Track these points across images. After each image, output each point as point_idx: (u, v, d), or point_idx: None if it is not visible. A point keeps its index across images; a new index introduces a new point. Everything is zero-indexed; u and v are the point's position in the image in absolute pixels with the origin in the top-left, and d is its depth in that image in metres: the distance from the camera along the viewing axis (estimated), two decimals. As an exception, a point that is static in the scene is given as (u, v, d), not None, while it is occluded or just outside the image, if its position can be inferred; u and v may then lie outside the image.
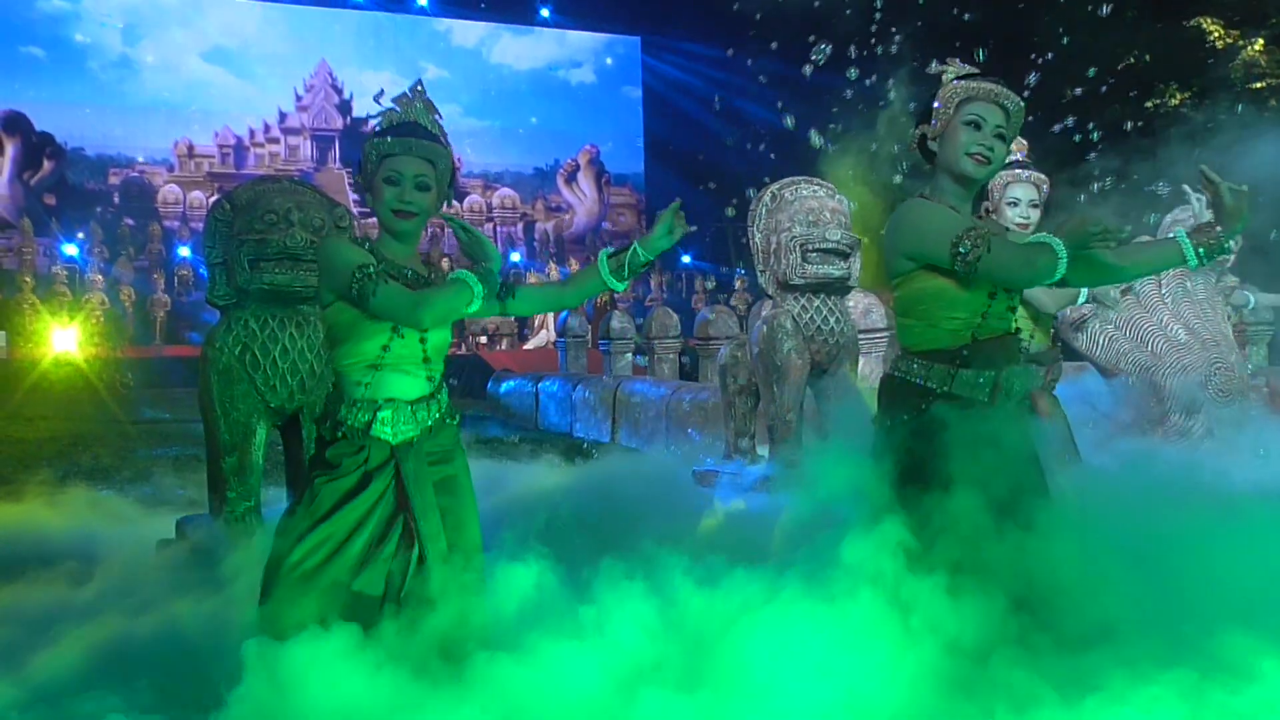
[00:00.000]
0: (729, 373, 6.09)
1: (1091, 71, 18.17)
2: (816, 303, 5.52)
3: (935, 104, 3.00)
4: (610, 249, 3.19)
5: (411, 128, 3.00)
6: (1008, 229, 4.29)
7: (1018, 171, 4.40)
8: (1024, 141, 4.60)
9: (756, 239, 5.69)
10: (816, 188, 5.67)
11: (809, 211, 5.47)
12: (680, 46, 27.19)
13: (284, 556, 2.80)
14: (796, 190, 5.63)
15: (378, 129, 3.04)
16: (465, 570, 2.89)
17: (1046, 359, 4.27)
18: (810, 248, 5.41)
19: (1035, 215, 4.37)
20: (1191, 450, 5.01)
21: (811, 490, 3.17)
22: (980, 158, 2.92)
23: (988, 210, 4.35)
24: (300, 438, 4.51)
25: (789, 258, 5.45)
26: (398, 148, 2.96)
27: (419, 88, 3.13)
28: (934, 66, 3.10)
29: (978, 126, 2.93)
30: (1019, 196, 4.36)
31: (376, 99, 3.12)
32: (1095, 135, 18.78)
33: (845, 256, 5.49)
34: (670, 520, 4.26)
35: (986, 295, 2.90)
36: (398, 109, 3.06)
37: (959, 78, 3.01)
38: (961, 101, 2.96)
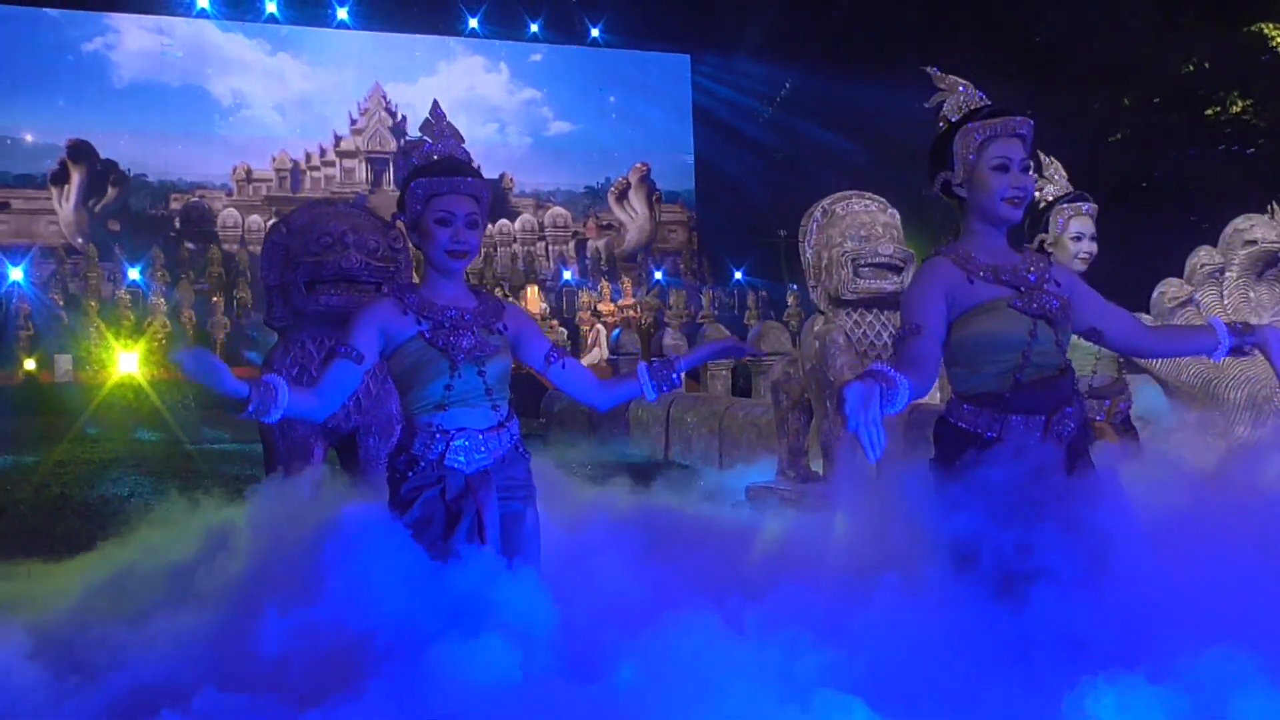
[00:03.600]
0: (781, 389, 6.07)
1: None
2: (869, 318, 5.49)
3: (953, 148, 2.93)
4: (650, 362, 3.30)
5: (456, 165, 3.04)
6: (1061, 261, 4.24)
7: (1079, 204, 4.29)
8: (1055, 160, 4.51)
9: (808, 254, 5.67)
10: (868, 202, 5.64)
11: (861, 226, 5.44)
12: (729, 64, 27.22)
13: None
14: (848, 205, 5.60)
15: (416, 163, 3.07)
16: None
17: (1110, 392, 4.18)
18: (862, 262, 5.38)
19: (1094, 248, 4.28)
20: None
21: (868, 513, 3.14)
22: (1016, 200, 2.89)
23: (1043, 242, 4.27)
24: (357, 457, 4.56)
25: (841, 273, 5.43)
26: (445, 187, 2.99)
27: (439, 113, 3.16)
28: (932, 100, 3.06)
29: (1006, 169, 2.88)
30: (1082, 231, 4.25)
31: (400, 130, 3.17)
32: (1154, 144, 18.54)
33: (898, 271, 5.45)
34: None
35: (1026, 334, 2.86)
36: (427, 139, 3.09)
37: (969, 119, 2.94)
38: (982, 144, 2.89)
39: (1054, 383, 2.89)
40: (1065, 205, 4.27)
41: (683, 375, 3.29)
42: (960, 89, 3.02)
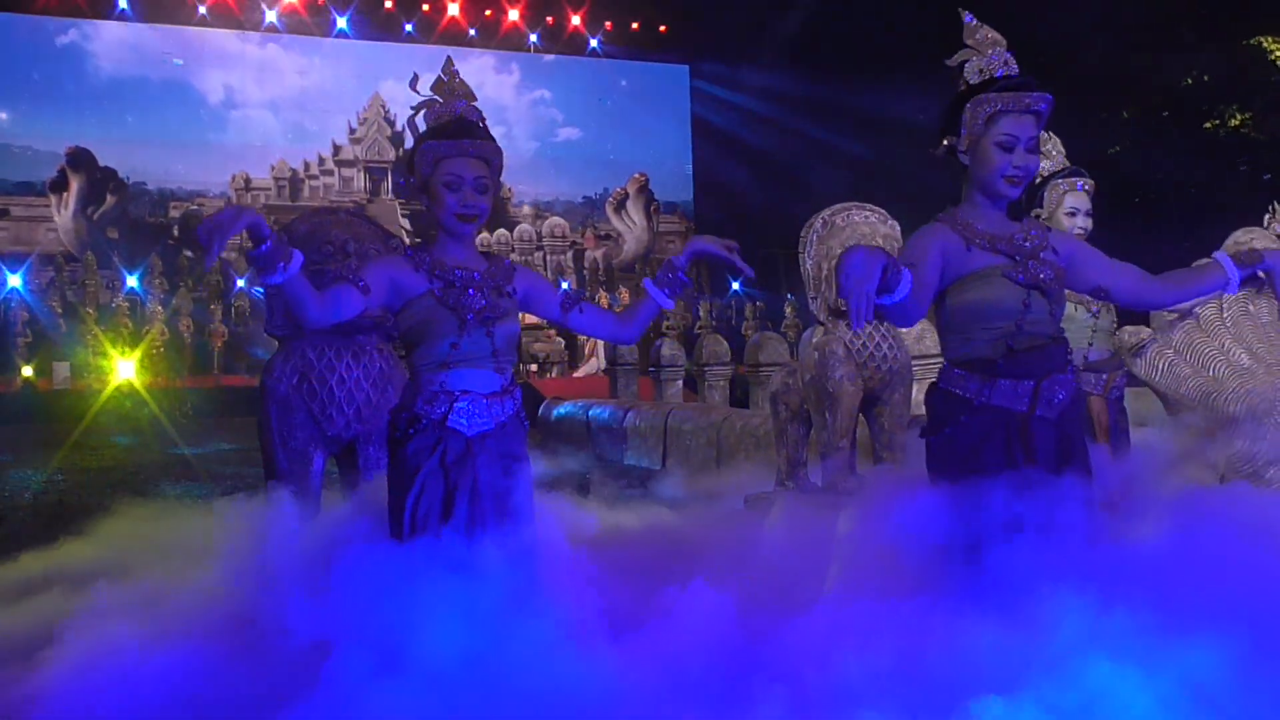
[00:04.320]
0: (780, 400, 6.06)
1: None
2: (869, 329, 5.49)
3: (962, 114, 2.90)
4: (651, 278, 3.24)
5: (464, 126, 3.02)
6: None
7: (1074, 180, 4.34)
8: (1054, 136, 4.51)
9: (807, 266, 5.67)
10: (869, 213, 5.64)
11: (861, 238, 5.43)
12: (729, 74, 27.27)
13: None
14: (848, 216, 5.60)
15: (426, 126, 3.07)
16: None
17: (1107, 366, 4.21)
18: (862, 274, 5.38)
19: (1089, 224, 4.31)
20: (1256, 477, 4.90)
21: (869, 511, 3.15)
22: (1015, 179, 2.88)
23: (1038, 217, 4.29)
24: (357, 466, 4.56)
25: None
26: (454, 150, 2.98)
27: (452, 69, 3.15)
28: (956, 56, 3.00)
29: (1009, 148, 2.86)
30: (1076, 207, 4.30)
31: (412, 85, 3.15)
32: (1153, 156, 18.58)
33: (898, 282, 5.45)
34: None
35: (1020, 304, 2.87)
36: (438, 99, 3.09)
37: (984, 88, 2.90)
38: (991, 117, 2.87)
39: (1045, 350, 2.90)
40: (1060, 181, 4.31)
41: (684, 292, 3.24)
42: (990, 53, 2.96)
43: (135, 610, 3.29)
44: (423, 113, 3.11)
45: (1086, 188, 4.33)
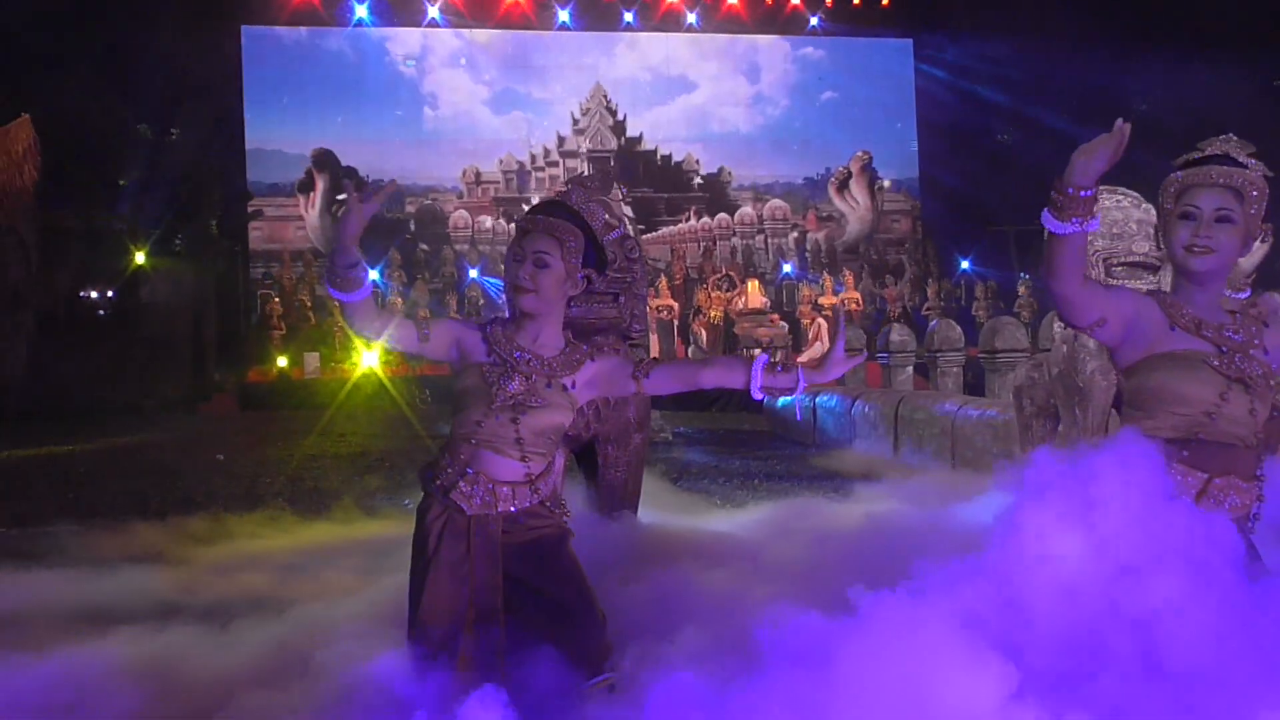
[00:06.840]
0: (1025, 394, 5.80)
1: None
2: (1122, 320, 5.16)
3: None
4: (770, 360, 2.93)
5: (548, 205, 3.01)
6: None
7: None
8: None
9: (1055, 254, 5.39)
10: (1120, 197, 5.30)
11: (1113, 223, 5.12)
12: (954, 47, 26.33)
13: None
14: (1099, 201, 5.28)
15: None
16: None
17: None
18: (1115, 262, 5.08)
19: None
20: None
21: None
22: (1196, 249, 2.68)
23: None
24: (596, 464, 4.63)
25: (1091, 273, 5.13)
26: (528, 224, 2.98)
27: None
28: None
29: (1193, 217, 2.69)
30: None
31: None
32: None
33: (1153, 271, 5.11)
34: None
35: (1217, 396, 2.63)
36: (570, 190, 3.08)
37: (1180, 167, 2.76)
38: (1179, 193, 2.73)
39: (1233, 450, 2.64)
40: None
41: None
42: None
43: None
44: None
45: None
